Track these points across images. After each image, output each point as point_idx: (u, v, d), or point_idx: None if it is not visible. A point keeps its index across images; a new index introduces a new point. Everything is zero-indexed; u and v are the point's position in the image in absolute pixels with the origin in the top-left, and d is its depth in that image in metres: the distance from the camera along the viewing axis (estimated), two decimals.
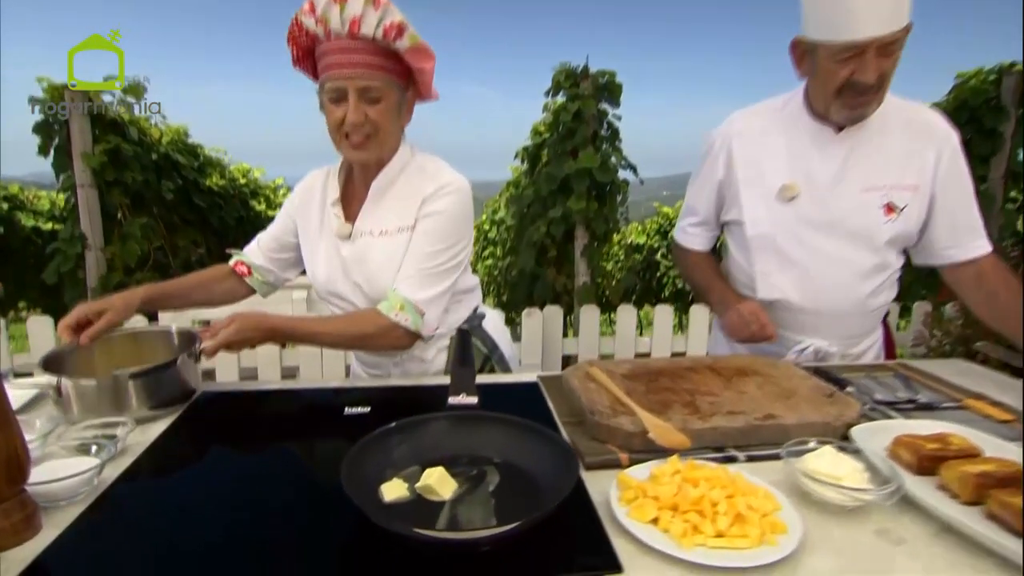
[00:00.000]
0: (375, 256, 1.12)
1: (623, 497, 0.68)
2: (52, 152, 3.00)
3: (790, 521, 0.64)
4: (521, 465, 0.76)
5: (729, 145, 1.24)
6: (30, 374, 2.32)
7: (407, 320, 1.08)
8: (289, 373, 2.69)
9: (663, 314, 2.89)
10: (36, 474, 0.69)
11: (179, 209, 3.69)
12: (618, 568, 0.60)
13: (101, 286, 3.03)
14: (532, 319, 2.71)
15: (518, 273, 3.53)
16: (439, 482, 0.69)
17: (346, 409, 0.95)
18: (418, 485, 0.68)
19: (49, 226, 5.12)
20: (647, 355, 2.86)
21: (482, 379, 1.06)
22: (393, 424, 0.77)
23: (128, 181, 3.06)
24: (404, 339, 1.10)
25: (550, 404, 1.00)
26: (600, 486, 0.74)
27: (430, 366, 1.22)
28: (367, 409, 0.95)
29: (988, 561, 0.61)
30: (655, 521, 0.64)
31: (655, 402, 0.92)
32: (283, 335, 1.04)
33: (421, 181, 1.13)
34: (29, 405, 0.96)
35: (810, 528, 0.65)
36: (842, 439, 0.84)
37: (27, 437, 0.76)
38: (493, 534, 0.60)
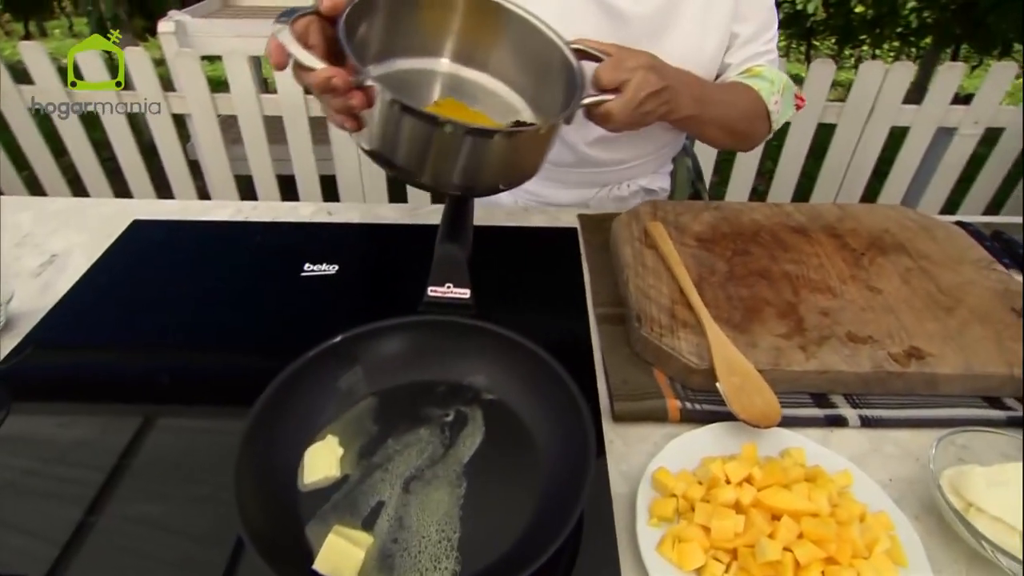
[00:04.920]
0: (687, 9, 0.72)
1: (656, 510, 0.45)
2: None
3: None
4: (520, 412, 0.52)
5: None
6: None
7: (776, 115, 0.78)
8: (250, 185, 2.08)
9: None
10: None
11: None
12: None
13: None
14: None
15: None
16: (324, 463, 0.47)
17: (306, 266, 0.70)
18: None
19: None
20: None
21: (483, 216, 0.76)
22: (336, 340, 0.52)
23: None
24: (758, 143, 0.82)
25: (586, 274, 0.71)
26: (630, 456, 0.50)
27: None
28: (333, 268, 0.70)
29: None
30: (699, 572, 0.42)
31: (739, 301, 0.62)
32: (692, 114, 0.67)
33: None
34: None
35: None
36: None
37: None
38: None
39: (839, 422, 0.54)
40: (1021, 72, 1.97)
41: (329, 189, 2.08)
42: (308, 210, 0.82)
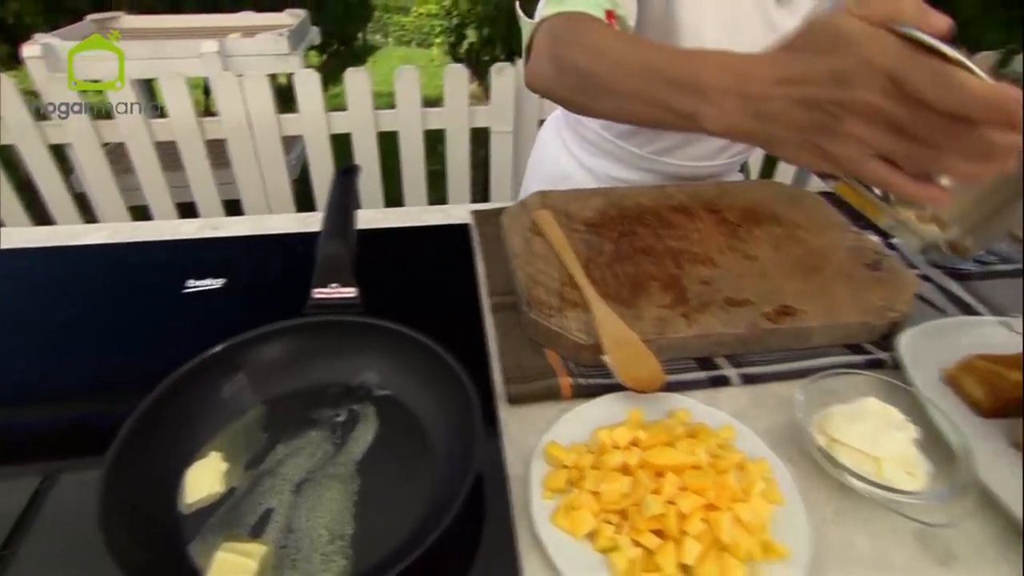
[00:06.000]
0: None
1: (549, 483, 0.45)
2: None
3: (794, 531, 0.42)
4: (413, 405, 0.52)
5: None
6: None
7: None
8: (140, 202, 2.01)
9: None
10: None
11: None
12: None
13: None
14: (503, 76, 2.23)
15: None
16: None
17: (189, 282, 0.67)
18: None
19: None
20: None
21: (368, 217, 0.76)
22: (216, 350, 0.50)
23: None
24: None
25: (479, 267, 0.72)
26: (526, 437, 0.51)
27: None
28: (218, 282, 0.67)
29: None
30: (592, 536, 0.42)
31: (625, 278, 0.64)
32: None
33: None
34: None
35: (824, 530, 0.44)
36: (883, 338, 0.60)
37: None
38: None
39: (722, 382, 0.56)
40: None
41: (233, 214, 2.00)
42: (193, 227, 0.78)
